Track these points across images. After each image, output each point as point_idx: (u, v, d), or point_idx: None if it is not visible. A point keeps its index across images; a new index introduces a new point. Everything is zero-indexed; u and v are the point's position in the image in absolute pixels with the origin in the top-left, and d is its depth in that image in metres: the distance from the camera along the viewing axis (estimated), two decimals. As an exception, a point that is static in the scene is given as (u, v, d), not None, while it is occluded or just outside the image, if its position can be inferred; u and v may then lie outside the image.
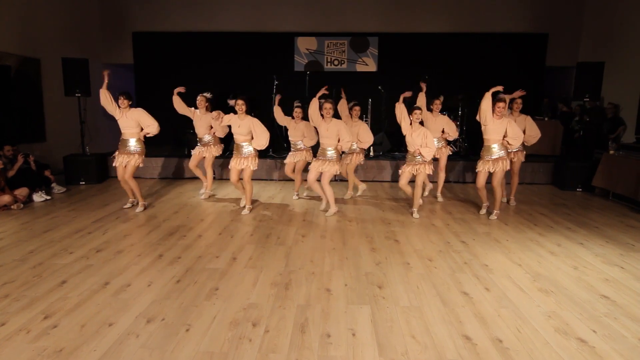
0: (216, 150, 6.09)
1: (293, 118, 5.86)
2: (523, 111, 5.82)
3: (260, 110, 5.95)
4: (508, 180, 6.02)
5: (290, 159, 5.96)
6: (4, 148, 5.89)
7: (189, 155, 7.77)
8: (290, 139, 5.94)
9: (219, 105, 6.28)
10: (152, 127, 5.38)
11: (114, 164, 5.48)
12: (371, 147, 7.80)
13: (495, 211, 5.35)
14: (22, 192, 5.70)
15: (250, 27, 9.79)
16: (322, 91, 5.28)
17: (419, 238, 4.54)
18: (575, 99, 7.69)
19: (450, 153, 5.93)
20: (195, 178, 7.83)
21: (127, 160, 5.39)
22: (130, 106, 5.45)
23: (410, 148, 5.21)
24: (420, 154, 5.14)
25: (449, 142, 6.17)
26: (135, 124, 5.39)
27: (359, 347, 2.49)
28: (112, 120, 10.95)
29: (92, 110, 8.75)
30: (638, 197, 5.75)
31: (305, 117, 5.79)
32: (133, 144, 5.42)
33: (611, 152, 6.55)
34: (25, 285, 3.26)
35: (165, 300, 3.04)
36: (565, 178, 7.21)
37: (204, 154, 6.07)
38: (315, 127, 5.54)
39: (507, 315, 2.88)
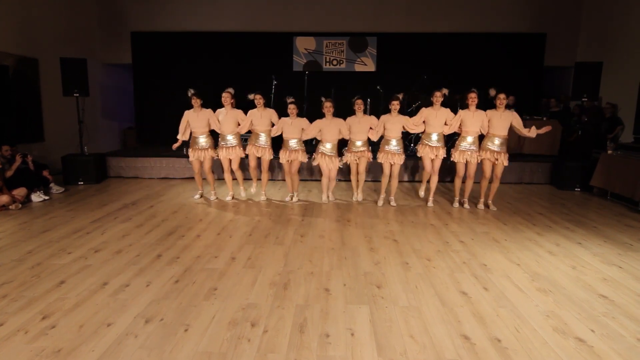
0: (215, 153, 5.97)
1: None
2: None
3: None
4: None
5: (285, 159, 5.86)
6: (2, 148, 5.87)
7: (188, 155, 7.80)
8: (285, 136, 5.78)
9: (220, 104, 6.20)
10: (216, 127, 5.86)
11: (190, 160, 5.99)
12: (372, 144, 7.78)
13: (464, 199, 5.93)
14: (20, 192, 5.69)
15: (249, 26, 9.80)
16: None
17: (417, 238, 4.54)
18: (573, 99, 7.71)
19: (445, 156, 5.74)
20: (193, 178, 7.83)
21: (203, 155, 5.90)
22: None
23: (390, 134, 5.65)
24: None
25: (446, 144, 6.02)
26: (206, 123, 5.82)
27: (358, 346, 2.49)
28: (110, 121, 10.94)
29: (90, 110, 8.76)
30: (636, 196, 5.77)
31: (299, 114, 5.81)
32: (203, 140, 5.87)
33: (609, 152, 6.56)
34: (23, 285, 3.26)
35: (164, 300, 3.03)
36: (563, 178, 7.22)
37: (201, 158, 5.94)
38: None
39: (506, 314, 2.88)
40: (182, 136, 5.93)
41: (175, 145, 6.03)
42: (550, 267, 3.74)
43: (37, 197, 5.92)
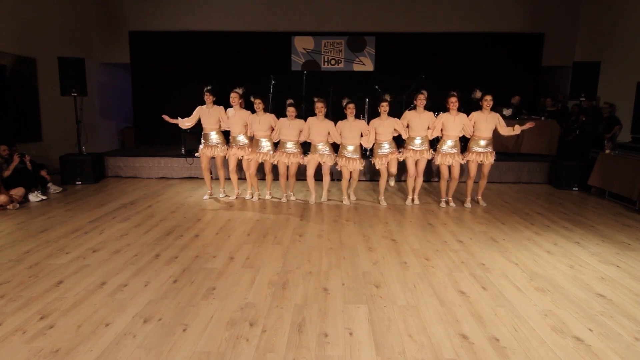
0: (225, 150, 5.95)
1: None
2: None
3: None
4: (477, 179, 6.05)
5: (282, 162, 5.79)
6: (0, 148, 5.86)
7: (187, 155, 7.83)
8: (283, 138, 5.74)
9: (219, 104, 6.18)
10: (224, 124, 5.90)
11: (199, 153, 5.98)
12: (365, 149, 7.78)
13: (448, 198, 5.98)
14: (18, 192, 5.68)
15: (247, 26, 9.78)
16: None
17: (415, 237, 4.55)
18: (571, 99, 7.73)
19: (430, 158, 5.75)
20: (192, 178, 7.83)
21: (214, 151, 5.90)
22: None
23: (381, 137, 5.68)
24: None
25: (431, 146, 5.90)
26: (216, 120, 5.85)
27: (356, 346, 2.49)
28: (109, 120, 10.93)
29: (88, 109, 8.74)
30: (634, 196, 5.78)
31: (298, 116, 5.77)
32: (214, 137, 5.89)
33: (607, 151, 6.57)
34: (21, 285, 3.25)
35: (162, 300, 3.03)
36: (561, 177, 7.24)
37: (211, 154, 5.91)
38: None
39: (504, 314, 2.89)
40: (184, 121, 5.87)
41: (168, 118, 5.96)
42: (549, 267, 3.75)
43: (34, 197, 5.90)
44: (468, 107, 5.90)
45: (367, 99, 8.17)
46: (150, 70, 10.04)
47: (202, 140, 5.95)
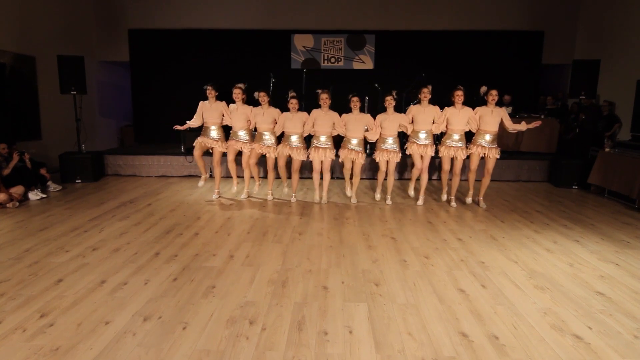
0: (224, 147, 5.92)
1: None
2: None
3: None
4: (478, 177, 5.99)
5: (284, 153, 5.75)
6: (-1, 146, 5.86)
7: (186, 153, 7.82)
8: (287, 131, 5.70)
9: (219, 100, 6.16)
10: (227, 120, 5.88)
11: (195, 142, 5.92)
12: (368, 144, 7.78)
13: (450, 197, 5.90)
14: (17, 190, 5.68)
15: (246, 24, 9.77)
16: None
17: (415, 236, 4.55)
18: (571, 97, 7.72)
19: (433, 154, 5.70)
20: (191, 176, 7.83)
21: (212, 146, 5.87)
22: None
23: (386, 132, 5.64)
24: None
25: (435, 142, 5.92)
26: (218, 115, 5.82)
27: (356, 344, 2.49)
28: (108, 119, 10.91)
29: (87, 108, 8.73)
30: (633, 194, 5.78)
31: (301, 108, 5.76)
32: (215, 133, 5.85)
33: (607, 149, 6.57)
34: (21, 283, 3.25)
35: (162, 298, 3.03)
36: (561, 175, 7.24)
37: (209, 145, 5.87)
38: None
39: (503, 312, 2.89)
40: (192, 122, 5.86)
41: (177, 126, 5.99)
42: (548, 265, 3.76)
43: (34, 195, 5.90)
44: (470, 106, 5.86)
45: (367, 97, 8.16)
46: (150, 68, 10.02)
47: (202, 134, 5.88)
